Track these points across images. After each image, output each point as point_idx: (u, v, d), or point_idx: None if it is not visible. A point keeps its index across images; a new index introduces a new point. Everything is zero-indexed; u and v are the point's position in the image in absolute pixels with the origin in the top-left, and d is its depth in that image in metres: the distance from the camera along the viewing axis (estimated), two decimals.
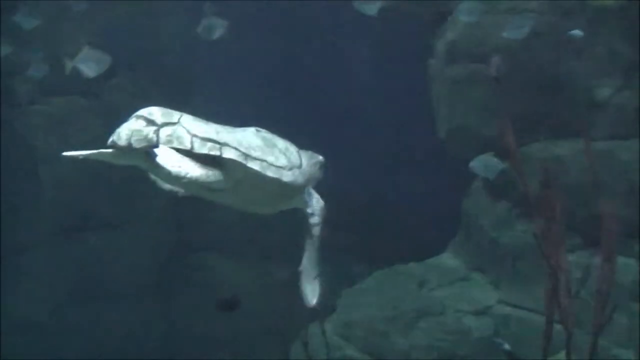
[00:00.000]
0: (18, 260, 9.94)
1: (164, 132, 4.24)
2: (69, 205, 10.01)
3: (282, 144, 4.70)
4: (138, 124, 4.27)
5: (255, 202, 4.76)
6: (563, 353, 5.73)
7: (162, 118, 4.29)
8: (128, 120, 4.35)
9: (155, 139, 4.21)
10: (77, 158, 4.43)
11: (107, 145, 4.35)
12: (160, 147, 4.20)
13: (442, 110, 9.05)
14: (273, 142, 4.64)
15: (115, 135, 4.29)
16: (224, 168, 4.35)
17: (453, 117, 8.92)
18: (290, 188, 4.65)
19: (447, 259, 9.32)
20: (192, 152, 4.24)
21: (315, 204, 4.93)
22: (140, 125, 4.26)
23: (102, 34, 9.26)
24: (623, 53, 8.31)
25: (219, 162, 4.32)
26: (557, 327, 5.68)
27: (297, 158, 4.72)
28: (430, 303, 8.74)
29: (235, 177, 4.40)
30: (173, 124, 4.28)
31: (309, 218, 4.93)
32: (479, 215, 9.03)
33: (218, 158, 4.32)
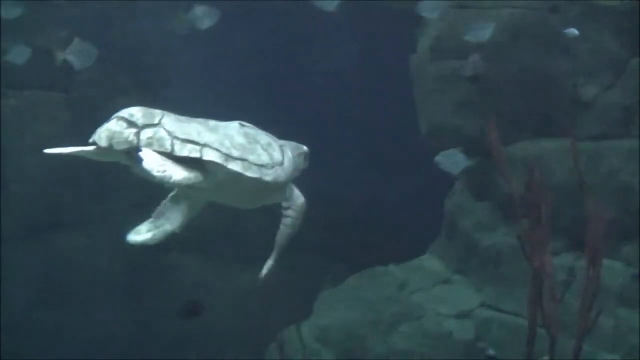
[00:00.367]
0: None
1: (145, 134, 4.27)
2: (35, 202, 9.84)
3: (264, 140, 4.72)
4: (119, 126, 4.28)
5: (237, 198, 4.84)
6: (546, 357, 5.67)
7: (142, 119, 4.31)
8: (109, 121, 4.36)
9: (136, 142, 4.24)
10: (59, 155, 4.42)
11: (88, 143, 4.35)
12: (142, 149, 4.23)
13: (424, 108, 8.96)
14: (256, 138, 4.67)
15: (96, 136, 4.31)
16: (206, 168, 4.39)
17: (435, 114, 8.82)
18: (272, 186, 4.69)
19: (428, 261, 9.21)
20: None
21: (295, 199, 5.01)
22: (121, 127, 4.28)
23: (78, 27, 9.12)
24: (611, 51, 8.25)
25: (201, 162, 4.36)
26: (540, 331, 5.62)
27: (279, 154, 4.74)
28: (410, 306, 8.61)
29: (217, 177, 4.44)
30: (154, 126, 4.30)
31: (284, 211, 5.01)
32: (462, 217, 8.94)
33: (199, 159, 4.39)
